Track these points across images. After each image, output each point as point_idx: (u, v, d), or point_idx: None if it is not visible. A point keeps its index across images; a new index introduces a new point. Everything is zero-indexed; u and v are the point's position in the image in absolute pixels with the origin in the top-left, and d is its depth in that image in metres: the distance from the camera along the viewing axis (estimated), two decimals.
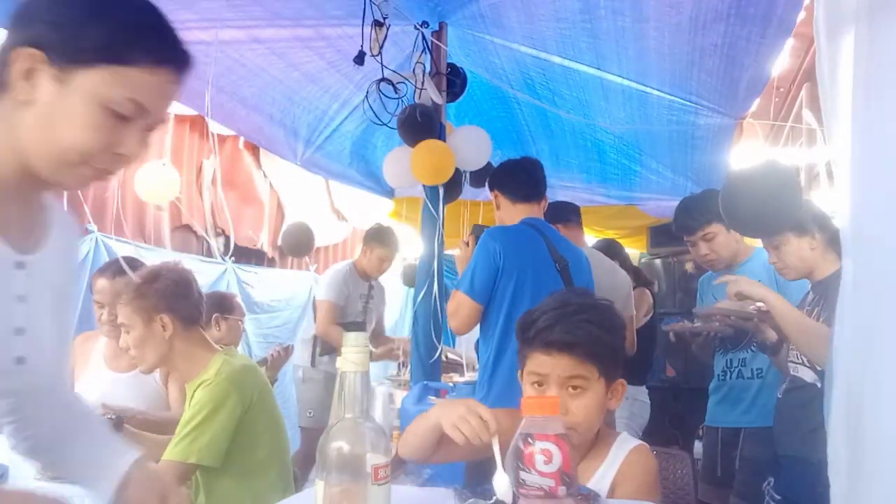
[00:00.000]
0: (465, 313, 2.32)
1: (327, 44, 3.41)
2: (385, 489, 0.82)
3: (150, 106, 0.88)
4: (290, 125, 4.08)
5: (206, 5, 2.73)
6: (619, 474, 1.33)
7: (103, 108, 0.84)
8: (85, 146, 0.85)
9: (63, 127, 0.84)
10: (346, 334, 0.86)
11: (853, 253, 1.18)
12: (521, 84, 3.93)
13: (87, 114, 0.84)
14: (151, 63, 0.86)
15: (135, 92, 0.85)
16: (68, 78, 0.83)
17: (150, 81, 0.86)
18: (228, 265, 5.42)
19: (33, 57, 0.83)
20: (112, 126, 0.86)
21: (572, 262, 2.41)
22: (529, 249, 2.34)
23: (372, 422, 0.85)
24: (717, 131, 3.83)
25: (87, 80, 0.83)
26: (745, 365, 2.48)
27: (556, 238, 2.48)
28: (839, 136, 1.19)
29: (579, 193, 5.44)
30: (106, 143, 0.86)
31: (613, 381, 1.34)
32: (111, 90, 0.84)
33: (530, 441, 0.85)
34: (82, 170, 0.88)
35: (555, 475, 0.84)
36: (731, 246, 2.55)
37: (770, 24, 2.67)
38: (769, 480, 2.13)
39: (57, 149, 0.85)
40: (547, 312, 1.32)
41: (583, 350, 1.28)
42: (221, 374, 1.92)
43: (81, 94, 0.84)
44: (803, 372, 2.00)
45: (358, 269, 3.93)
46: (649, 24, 2.93)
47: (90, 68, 0.83)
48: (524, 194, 2.51)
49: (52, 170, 0.87)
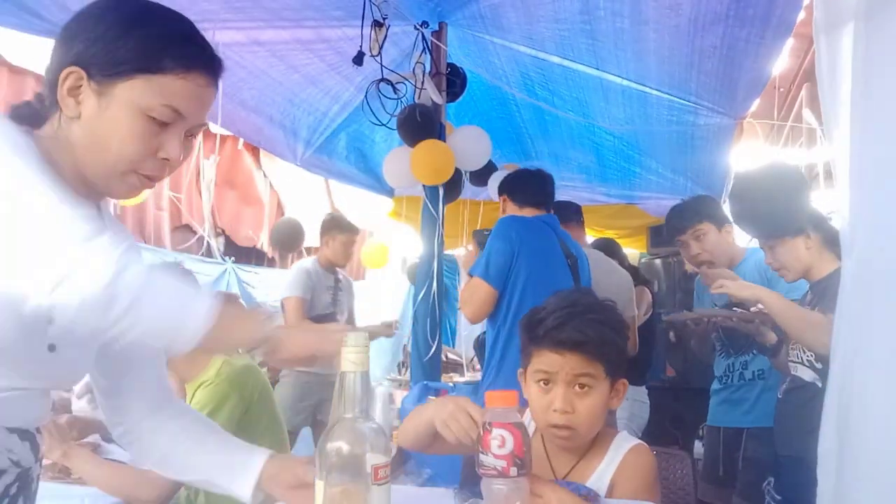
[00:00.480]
0: (480, 298, 2.30)
1: (328, 46, 3.41)
2: (385, 489, 0.83)
3: (186, 111, 0.92)
4: (290, 126, 4.09)
5: (205, 6, 2.74)
6: (618, 473, 1.33)
7: (143, 116, 0.89)
8: (130, 154, 0.90)
9: (108, 138, 0.90)
10: (346, 334, 0.86)
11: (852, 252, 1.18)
12: (521, 84, 3.93)
13: (129, 123, 0.89)
14: (183, 69, 0.90)
15: (170, 98, 0.90)
16: (108, 91, 0.89)
17: (183, 87, 0.91)
18: (228, 265, 5.43)
19: (76, 74, 0.89)
20: (153, 133, 0.91)
21: (580, 259, 2.44)
22: (543, 241, 2.37)
23: (372, 422, 0.85)
24: (716, 131, 3.83)
25: (125, 91, 0.89)
26: (747, 367, 2.49)
27: (566, 236, 2.53)
28: (838, 134, 1.19)
29: (579, 193, 5.44)
30: (149, 150, 0.91)
31: (617, 381, 1.35)
32: (148, 98, 0.89)
33: (489, 428, 0.97)
34: (131, 178, 0.93)
35: (507, 457, 0.94)
36: (723, 246, 2.54)
37: (769, 25, 2.67)
38: (769, 480, 2.13)
39: (105, 159, 0.91)
40: (556, 311, 1.33)
41: (592, 348, 1.28)
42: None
43: (121, 105, 0.89)
44: (803, 371, 2.00)
45: (322, 261, 3.91)
46: (648, 26, 2.93)
47: (127, 80, 0.88)
48: (532, 202, 2.55)
49: (103, 180, 0.93)
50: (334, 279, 3.97)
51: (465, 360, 5.13)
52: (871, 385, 1.11)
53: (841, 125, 1.18)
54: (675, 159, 4.52)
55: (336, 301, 3.92)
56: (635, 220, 5.48)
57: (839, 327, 1.23)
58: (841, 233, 1.20)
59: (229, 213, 5.59)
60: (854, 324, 1.18)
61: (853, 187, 1.16)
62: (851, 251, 1.18)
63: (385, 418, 3.38)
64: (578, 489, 1.23)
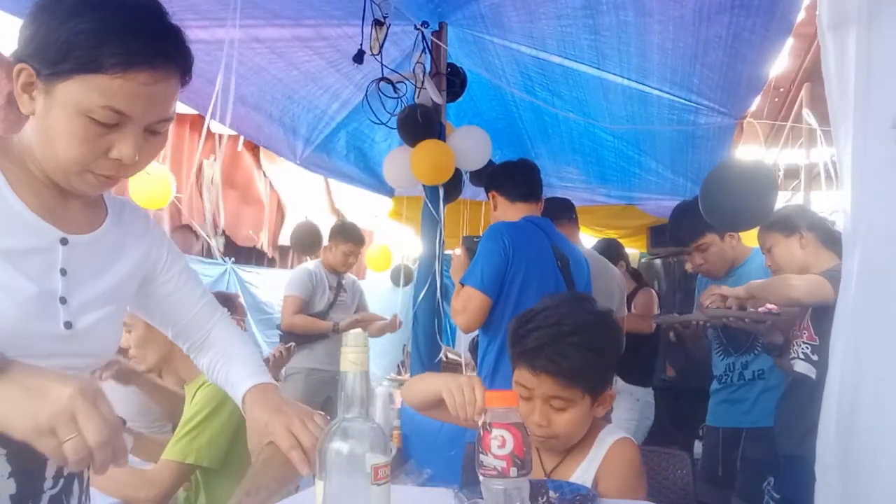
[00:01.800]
0: (475, 308, 2.24)
1: (327, 43, 3.40)
2: (385, 489, 0.82)
3: (130, 111, 0.86)
4: (290, 124, 4.08)
5: (205, 7, 2.73)
6: (602, 468, 1.34)
7: (83, 117, 0.84)
8: (76, 156, 0.86)
9: (55, 139, 0.86)
10: (345, 334, 0.86)
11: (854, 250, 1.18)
12: (521, 84, 3.93)
13: (70, 124, 0.85)
14: (121, 68, 0.83)
15: (110, 99, 0.84)
16: (51, 90, 0.84)
17: (122, 87, 0.84)
18: (229, 265, 5.43)
19: (26, 72, 0.85)
20: (98, 134, 0.86)
21: (573, 260, 2.40)
22: (534, 245, 2.33)
23: (372, 422, 0.85)
24: (717, 131, 3.83)
25: (65, 91, 0.84)
26: (747, 367, 2.49)
27: (557, 236, 2.48)
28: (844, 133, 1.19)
29: (579, 193, 5.43)
30: (97, 151, 0.87)
31: (601, 394, 1.35)
32: (86, 100, 0.83)
33: (489, 428, 0.96)
34: (87, 177, 0.90)
35: (506, 458, 0.94)
36: (726, 255, 2.58)
37: (774, 15, 2.66)
38: (769, 480, 2.13)
39: (57, 159, 0.88)
40: (538, 330, 1.33)
41: (568, 375, 1.28)
42: None
43: (62, 106, 0.84)
44: (800, 365, 2.01)
45: (325, 264, 4.01)
46: (653, 18, 2.91)
47: (65, 80, 0.83)
48: (523, 194, 2.50)
49: (62, 178, 0.91)
50: (337, 280, 4.02)
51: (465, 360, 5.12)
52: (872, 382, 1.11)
53: (847, 123, 1.18)
54: (676, 159, 4.51)
55: (337, 301, 3.97)
56: (635, 220, 5.48)
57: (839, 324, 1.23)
58: (843, 231, 1.20)
59: (229, 213, 5.59)
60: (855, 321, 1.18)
61: (855, 186, 1.16)
62: (854, 249, 1.18)
63: (385, 418, 3.39)
64: (579, 489, 1.23)
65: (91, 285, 0.98)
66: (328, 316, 3.89)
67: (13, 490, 0.90)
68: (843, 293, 1.20)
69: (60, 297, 0.93)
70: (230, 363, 1.16)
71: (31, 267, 0.90)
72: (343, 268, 4.00)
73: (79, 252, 0.96)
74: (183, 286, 1.16)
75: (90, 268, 0.99)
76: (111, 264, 1.03)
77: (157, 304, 1.16)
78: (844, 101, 1.17)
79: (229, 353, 1.18)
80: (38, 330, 0.90)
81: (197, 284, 1.20)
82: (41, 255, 0.92)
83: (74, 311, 0.94)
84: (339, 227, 4.09)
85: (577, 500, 1.17)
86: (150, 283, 1.13)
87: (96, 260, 1.00)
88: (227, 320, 1.23)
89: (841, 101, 1.18)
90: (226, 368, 1.16)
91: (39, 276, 0.91)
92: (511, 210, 2.50)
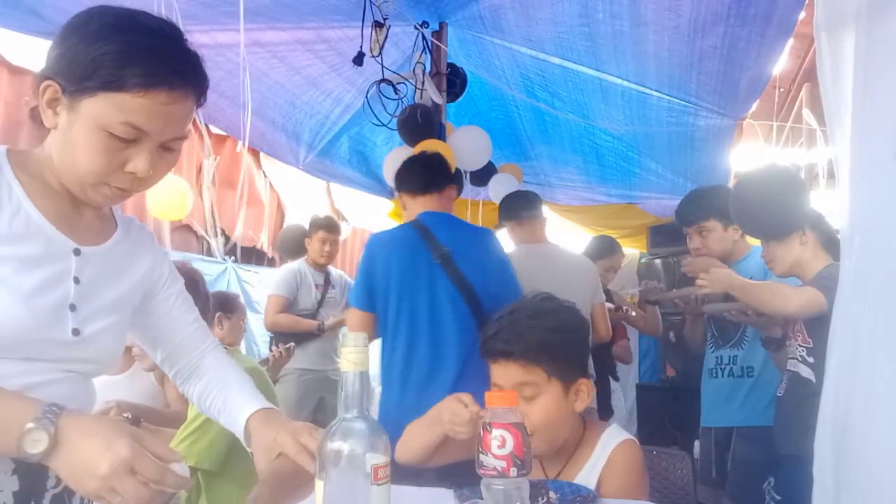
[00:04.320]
0: (357, 323, 2.29)
1: (328, 47, 3.41)
2: (385, 489, 0.83)
3: (148, 128, 0.92)
4: (293, 130, 4.08)
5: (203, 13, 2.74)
6: (605, 470, 1.33)
7: (103, 132, 0.90)
8: (95, 168, 0.92)
9: (76, 152, 0.92)
10: (345, 334, 0.86)
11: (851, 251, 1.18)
12: (521, 85, 3.93)
13: (91, 139, 0.91)
14: (142, 88, 0.89)
15: (130, 116, 0.90)
16: (76, 106, 0.91)
17: (142, 105, 0.90)
18: (229, 265, 5.43)
19: (52, 88, 0.92)
20: (116, 148, 0.92)
21: (457, 250, 2.27)
22: (400, 248, 2.28)
23: (372, 422, 0.85)
24: (716, 132, 3.83)
25: (88, 107, 0.90)
26: (736, 363, 2.48)
27: (446, 228, 2.34)
28: (841, 134, 1.19)
29: (579, 192, 5.43)
30: (114, 164, 0.93)
31: (573, 382, 1.33)
32: (108, 116, 0.89)
33: (488, 428, 0.97)
34: (103, 189, 0.96)
35: (506, 458, 0.95)
36: (725, 245, 2.57)
37: (770, 24, 2.67)
38: (769, 480, 2.13)
39: (76, 171, 0.94)
40: (497, 320, 1.35)
41: (523, 356, 1.28)
42: None
43: (85, 121, 0.90)
44: (799, 368, 2.01)
45: (309, 261, 3.99)
46: (648, 28, 2.92)
47: (90, 96, 0.90)
48: (421, 186, 2.43)
49: (77, 188, 0.96)
50: (324, 277, 3.99)
51: None
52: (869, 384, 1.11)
53: (844, 124, 1.18)
54: (675, 160, 4.51)
55: (325, 299, 3.95)
56: (635, 220, 5.47)
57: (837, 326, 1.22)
58: (841, 232, 1.20)
59: (229, 213, 5.59)
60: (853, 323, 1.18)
61: (853, 187, 1.16)
62: (851, 250, 1.18)
63: None
64: (579, 490, 1.23)
65: (100, 295, 1.02)
66: (317, 314, 3.87)
67: (16, 487, 0.92)
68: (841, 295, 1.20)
69: (71, 304, 0.97)
70: (228, 389, 1.18)
71: (46, 274, 0.95)
72: (323, 259, 3.94)
73: (90, 262, 1.01)
74: (179, 307, 1.20)
75: (100, 278, 1.03)
76: (119, 275, 1.08)
77: (154, 320, 1.18)
78: (841, 101, 1.17)
79: (226, 379, 1.20)
80: (48, 335, 0.94)
81: (191, 308, 1.23)
82: (56, 263, 0.97)
83: (83, 318, 0.98)
84: (312, 220, 4.07)
85: (578, 500, 1.18)
86: (151, 300, 1.17)
87: (106, 270, 1.05)
88: (220, 348, 1.26)
89: (837, 101, 1.18)
90: (224, 394, 1.18)
91: (53, 283, 0.96)
92: (414, 205, 2.44)
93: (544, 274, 2.90)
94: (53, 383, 0.95)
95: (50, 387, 0.94)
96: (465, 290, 2.21)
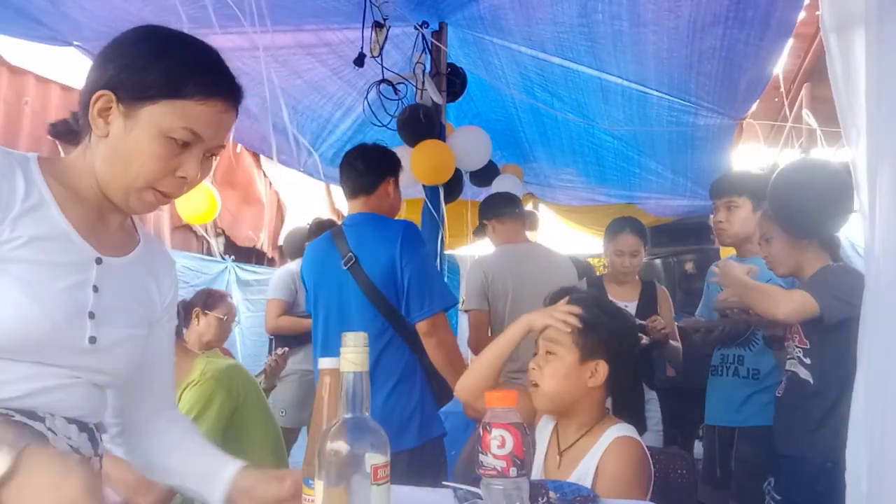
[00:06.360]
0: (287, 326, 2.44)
1: (329, 49, 3.41)
2: (385, 489, 0.83)
3: (204, 133, 1.01)
4: (293, 134, 4.08)
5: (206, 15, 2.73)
6: (601, 461, 1.39)
7: (164, 137, 0.98)
8: (150, 171, 0.99)
9: (131, 156, 0.98)
10: (344, 334, 0.86)
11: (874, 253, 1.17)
12: (521, 85, 3.93)
13: (151, 143, 0.98)
14: (204, 96, 0.99)
15: (190, 122, 0.98)
16: (134, 114, 0.98)
17: (203, 112, 0.99)
18: (228, 264, 5.43)
19: (106, 97, 0.98)
20: (173, 153, 0.99)
21: (363, 256, 2.24)
22: (318, 256, 2.39)
23: (372, 422, 0.85)
24: (716, 132, 3.83)
25: (150, 114, 0.97)
26: (742, 363, 2.48)
27: (360, 231, 2.32)
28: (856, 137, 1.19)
29: (579, 192, 5.43)
30: (168, 169, 1.00)
31: (591, 359, 1.46)
32: (170, 121, 0.97)
33: (488, 429, 0.97)
34: (147, 195, 1.01)
35: (506, 458, 0.95)
36: (748, 226, 2.49)
37: (769, 26, 2.67)
38: (770, 480, 2.13)
39: (127, 175, 0.99)
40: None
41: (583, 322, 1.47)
42: (206, 373, 1.94)
43: (145, 127, 0.97)
44: (797, 368, 2.01)
45: None
46: (647, 29, 2.93)
47: (152, 104, 0.97)
48: (349, 190, 2.41)
49: (121, 195, 1.01)
50: None
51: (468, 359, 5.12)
52: None
53: (859, 125, 1.17)
54: (675, 160, 4.51)
55: None
56: None
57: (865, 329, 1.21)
58: (864, 234, 1.19)
59: (229, 213, 5.59)
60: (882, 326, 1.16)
61: (871, 189, 1.15)
62: (873, 252, 1.17)
63: None
64: (579, 490, 1.23)
65: (117, 306, 1.04)
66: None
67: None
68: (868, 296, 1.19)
69: (90, 311, 0.99)
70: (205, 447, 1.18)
71: (68, 280, 0.97)
72: None
73: (110, 273, 1.04)
74: (167, 340, 1.21)
75: (119, 288, 1.05)
76: (137, 289, 1.11)
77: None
78: (854, 102, 1.17)
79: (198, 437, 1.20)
80: (65, 341, 0.96)
81: (172, 353, 1.24)
82: (78, 271, 1.00)
83: (101, 327, 1.00)
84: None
85: (578, 500, 1.18)
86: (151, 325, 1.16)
87: (125, 282, 1.07)
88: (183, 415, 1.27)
89: (850, 102, 1.17)
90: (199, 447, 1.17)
91: (74, 289, 0.98)
92: (350, 207, 2.44)
93: (526, 273, 2.92)
94: (64, 388, 0.96)
95: (60, 391, 0.95)
96: (373, 294, 2.19)
